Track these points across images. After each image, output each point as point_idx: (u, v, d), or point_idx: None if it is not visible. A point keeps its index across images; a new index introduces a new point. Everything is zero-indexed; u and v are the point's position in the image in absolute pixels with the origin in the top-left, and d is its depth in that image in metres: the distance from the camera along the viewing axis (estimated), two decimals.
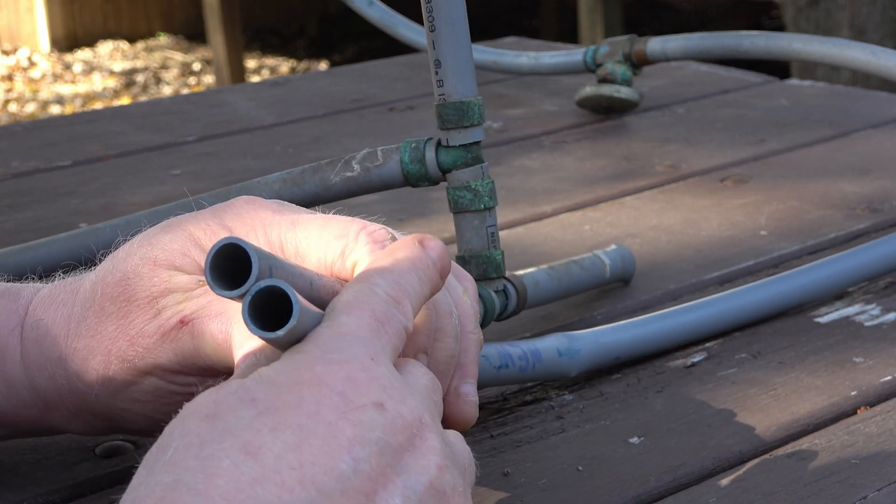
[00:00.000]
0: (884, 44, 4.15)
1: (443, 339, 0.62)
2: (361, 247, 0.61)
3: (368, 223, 0.63)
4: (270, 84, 1.63)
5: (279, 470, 0.48)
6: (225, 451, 0.48)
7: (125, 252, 0.64)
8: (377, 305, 0.55)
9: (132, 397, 0.64)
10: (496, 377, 0.75)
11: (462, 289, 0.66)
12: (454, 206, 0.79)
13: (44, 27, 7.91)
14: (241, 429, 0.49)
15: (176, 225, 0.64)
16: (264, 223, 0.63)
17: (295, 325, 0.53)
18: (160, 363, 0.63)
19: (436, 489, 0.52)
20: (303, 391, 0.51)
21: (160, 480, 0.48)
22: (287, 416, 0.50)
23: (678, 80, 1.56)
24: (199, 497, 0.46)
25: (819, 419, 0.74)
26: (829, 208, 1.09)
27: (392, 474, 0.51)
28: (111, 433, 0.68)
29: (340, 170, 0.81)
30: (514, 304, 0.81)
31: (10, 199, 1.19)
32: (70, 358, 0.64)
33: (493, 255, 0.79)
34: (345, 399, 0.51)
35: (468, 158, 0.78)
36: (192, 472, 0.47)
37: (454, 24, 0.76)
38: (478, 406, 0.64)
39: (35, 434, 0.69)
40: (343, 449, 0.50)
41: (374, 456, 0.50)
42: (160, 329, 0.62)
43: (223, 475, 0.47)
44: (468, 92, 0.77)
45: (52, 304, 0.65)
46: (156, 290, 0.62)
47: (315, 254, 0.62)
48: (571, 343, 0.78)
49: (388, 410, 0.51)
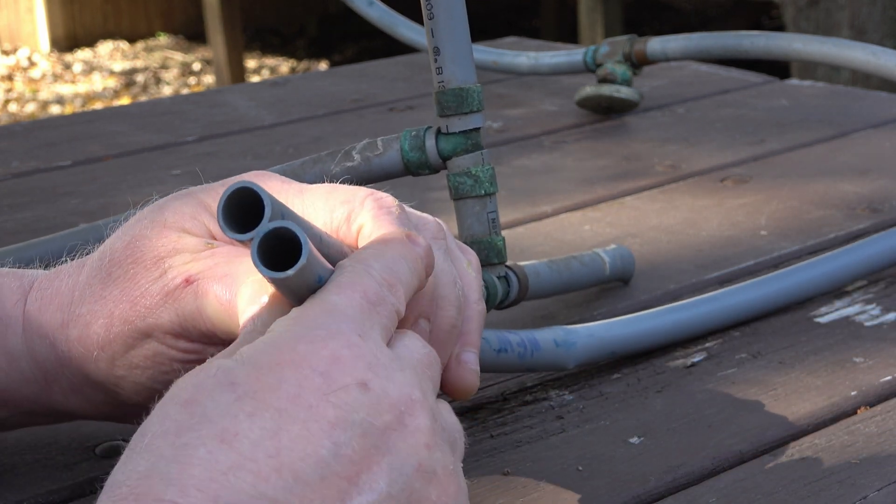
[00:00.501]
0: (884, 44, 4.15)
1: (445, 306, 0.62)
2: (367, 212, 0.61)
3: (376, 191, 0.63)
4: (270, 84, 1.63)
5: (255, 458, 0.48)
6: (201, 439, 0.48)
7: (134, 219, 0.64)
8: (370, 286, 0.55)
9: (131, 362, 0.63)
10: (495, 361, 0.75)
11: (466, 261, 0.66)
12: (455, 192, 0.79)
13: (44, 27, 7.91)
14: (218, 415, 0.48)
15: (186, 193, 0.64)
16: (273, 190, 0.63)
17: (304, 265, 0.52)
18: (161, 324, 0.62)
19: (424, 470, 0.51)
20: (284, 372, 0.50)
21: (135, 467, 0.47)
22: (266, 399, 0.49)
23: (678, 80, 1.56)
24: (173, 486, 0.46)
25: (819, 419, 0.74)
26: (829, 208, 1.09)
27: (377, 455, 0.50)
28: (109, 415, 0.67)
29: (341, 160, 0.81)
30: (516, 291, 0.81)
31: (10, 199, 1.19)
32: (72, 323, 0.64)
33: (495, 240, 0.79)
34: (327, 380, 0.50)
35: (468, 145, 0.78)
36: (166, 461, 0.47)
37: (452, 12, 0.76)
38: (479, 375, 0.64)
39: (35, 418, 0.68)
40: (323, 434, 0.49)
41: (357, 438, 0.49)
42: (164, 288, 0.62)
43: (198, 464, 0.47)
44: (467, 79, 0.77)
45: (58, 276, 0.66)
46: (163, 251, 0.62)
47: (321, 219, 0.62)
48: (568, 335, 0.78)
49: (371, 389, 0.51)
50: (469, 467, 0.70)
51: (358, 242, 0.61)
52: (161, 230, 0.63)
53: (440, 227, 0.65)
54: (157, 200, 0.65)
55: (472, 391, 0.64)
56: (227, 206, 0.53)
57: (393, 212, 0.62)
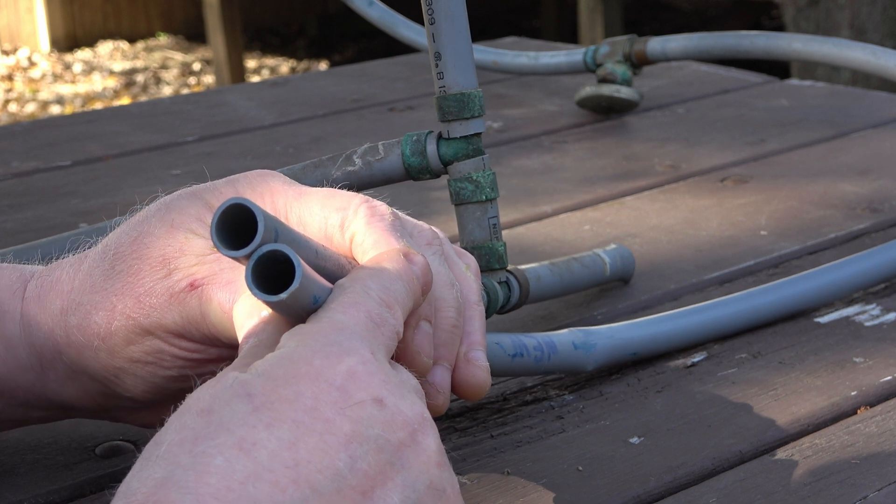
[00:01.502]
0: (884, 44, 4.15)
1: (444, 308, 0.62)
2: (360, 219, 0.62)
3: (371, 199, 0.63)
4: (270, 84, 1.63)
5: (273, 468, 0.48)
6: (218, 448, 0.48)
7: (141, 216, 0.65)
8: (372, 306, 0.55)
9: (131, 356, 0.64)
10: (510, 366, 0.74)
11: (464, 265, 0.66)
12: (456, 197, 0.79)
13: (44, 27, 7.91)
14: (236, 424, 0.49)
15: (191, 192, 0.65)
16: (273, 192, 0.64)
17: (297, 288, 0.52)
18: (164, 324, 0.63)
19: (435, 487, 0.51)
20: (300, 385, 0.50)
21: (151, 475, 0.47)
22: (283, 411, 0.49)
23: (678, 80, 1.56)
24: (189, 495, 0.46)
25: (819, 419, 0.74)
26: (829, 208, 1.09)
27: (391, 471, 0.50)
28: (102, 406, 0.67)
29: (342, 164, 0.81)
30: (517, 296, 0.81)
31: (10, 199, 1.19)
32: (72, 311, 0.64)
33: (496, 246, 0.79)
34: (344, 394, 0.50)
35: (469, 150, 0.79)
36: (183, 469, 0.47)
37: (454, 17, 0.76)
38: (489, 372, 0.64)
39: (29, 411, 0.68)
40: (340, 446, 0.49)
41: (372, 453, 0.50)
42: (169, 290, 0.62)
43: (215, 472, 0.47)
44: (468, 84, 0.77)
45: (59, 266, 0.66)
46: (170, 251, 0.63)
47: (316, 223, 0.62)
48: (587, 337, 0.78)
49: (387, 406, 0.51)
50: (469, 467, 0.70)
51: (352, 250, 0.62)
52: (169, 229, 0.63)
53: (435, 233, 0.66)
54: (162, 198, 0.65)
55: (485, 389, 0.64)
56: (222, 220, 0.53)
57: (386, 219, 0.62)
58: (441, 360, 0.62)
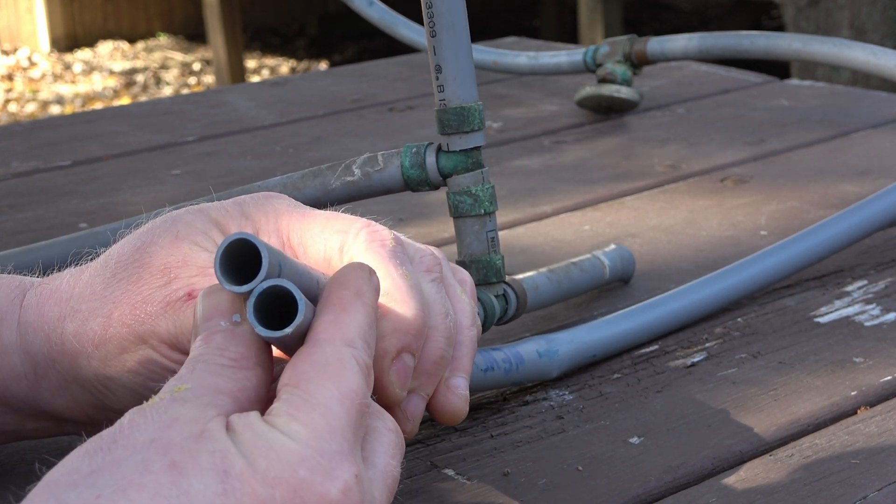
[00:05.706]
0: (884, 44, 4.15)
1: (435, 337, 0.62)
2: (359, 243, 0.62)
3: (373, 223, 0.63)
4: (270, 84, 1.63)
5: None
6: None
7: (146, 227, 0.65)
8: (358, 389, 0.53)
9: (123, 366, 0.63)
10: (483, 380, 0.75)
11: (460, 289, 0.66)
12: (454, 210, 0.79)
13: (44, 27, 7.91)
14: (201, 500, 0.48)
15: (198, 208, 0.65)
16: (277, 212, 0.64)
17: (300, 323, 0.53)
18: (158, 332, 0.62)
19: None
20: (276, 490, 0.50)
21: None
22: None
23: (678, 80, 1.56)
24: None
25: (819, 419, 0.74)
26: (829, 208, 1.09)
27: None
28: (93, 419, 0.67)
29: (341, 174, 0.82)
30: (514, 308, 0.81)
31: (10, 199, 1.19)
32: (70, 318, 0.64)
33: (494, 259, 0.79)
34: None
35: (468, 163, 0.79)
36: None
37: (455, 30, 0.76)
38: (468, 401, 0.64)
39: (22, 420, 0.68)
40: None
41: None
42: (167, 298, 0.62)
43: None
44: (469, 97, 0.77)
45: (60, 276, 0.66)
46: (172, 260, 0.63)
47: (317, 246, 0.63)
48: (549, 345, 0.79)
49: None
50: (469, 467, 0.70)
51: None
52: (173, 240, 0.63)
53: (435, 258, 0.65)
54: (169, 212, 0.66)
55: (461, 416, 0.64)
56: (226, 253, 0.54)
57: (387, 245, 0.62)
58: (420, 389, 0.62)
